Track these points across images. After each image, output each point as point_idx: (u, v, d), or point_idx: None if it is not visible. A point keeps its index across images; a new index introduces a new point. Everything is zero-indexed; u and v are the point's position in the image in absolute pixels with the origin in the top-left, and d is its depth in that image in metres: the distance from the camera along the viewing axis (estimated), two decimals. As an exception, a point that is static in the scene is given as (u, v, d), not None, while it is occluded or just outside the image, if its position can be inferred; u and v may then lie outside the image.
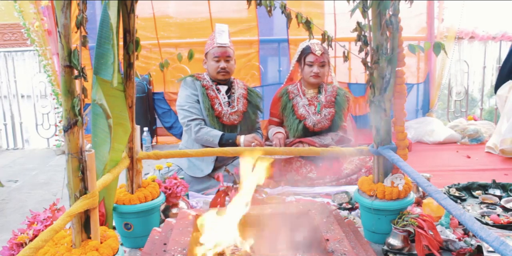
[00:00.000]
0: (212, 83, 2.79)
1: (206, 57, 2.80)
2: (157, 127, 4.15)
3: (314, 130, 2.83)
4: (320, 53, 2.79)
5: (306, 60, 2.83)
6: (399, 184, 1.80)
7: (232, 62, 2.78)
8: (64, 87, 1.20)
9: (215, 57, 2.72)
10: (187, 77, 2.84)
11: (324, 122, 2.83)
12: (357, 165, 2.68)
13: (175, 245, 1.44)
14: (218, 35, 2.73)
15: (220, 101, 2.74)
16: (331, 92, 2.92)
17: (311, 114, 2.84)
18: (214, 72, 2.75)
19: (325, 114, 2.85)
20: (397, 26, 1.71)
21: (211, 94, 2.74)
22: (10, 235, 1.61)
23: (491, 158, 3.33)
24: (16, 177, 3.25)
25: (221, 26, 2.78)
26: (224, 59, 2.73)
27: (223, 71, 2.74)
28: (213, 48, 2.73)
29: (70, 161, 1.25)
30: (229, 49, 2.75)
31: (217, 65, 2.72)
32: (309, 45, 2.82)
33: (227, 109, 2.74)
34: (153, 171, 2.66)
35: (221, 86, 2.81)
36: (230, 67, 2.76)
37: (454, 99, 4.46)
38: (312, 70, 2.81)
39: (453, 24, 4.10)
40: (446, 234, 1.79)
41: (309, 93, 2.91)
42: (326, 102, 2.87)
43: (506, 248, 0.98)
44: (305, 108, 2.86)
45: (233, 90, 2.84)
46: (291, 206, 1.80)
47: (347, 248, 1.41)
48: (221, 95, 2.77)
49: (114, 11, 1.36)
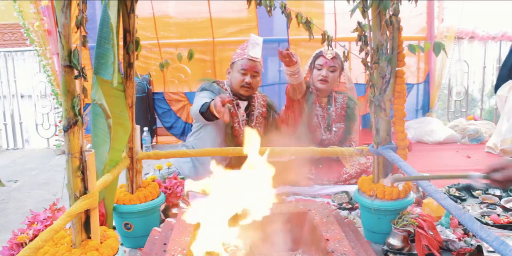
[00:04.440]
0: (233, 97, 2.59)
1: (232, 67, 2.61)
2: (157, 127, 4.15)
3: (321, 144, 2.76)
4: (331, 57, 2.69)
5: (316, 63, 2.75)
6: (399, 184, 1.80)
7: (258, 78, 2.60)
8: (64, 87, 1.20)
9: (242, 70, 2.53)
10: (214, 83, 2.62)
11: (333, 139, 2.79)
12: (357, 171, 2.66)
13: (175, 245, 1.44)
14: (251, 47, 2.54)
15: (239, 119, 2.59)
16: (341, 104, 2.83)
17: (322, 129, 2.77)
18: (237, 86, 2.56)
19: (335, 131, 2.78)
20: (397, 26, 1.71)
21: (231, 111, 2.54)
22: (10, 235, 1.61)
23: (491, 158, 3.33)
24: (16, 177, 3.24)
25: (256, 38, 2.60)
26: (251, 74, 2.54)
27: (248, 86, 2.54)
28: (242, 59, 2.54)
29: (70, 161, 1.25)
30: (259, 64, 2.57)
31: (242, 78, 2.53)
32: (321, 50, 2.75)
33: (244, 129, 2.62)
34: (153, 171, 2.66)
35: (241, 101, 2.63)
36: (255, 83, 2.58)
37: (454, 99, 4.45)
38: (320, 73, 2.70)
39: (453, 24, 4.10)
40: (446, 234, 1.79)
41: (321, 101, 2.82)
42: (336, 116, 2.79)
43: (506, 248, 0.99)
44: (318, 119, 2.77)
45: (253, 107, 2.68)
46: (291, 206, 1.80)
47: (347, 248, 1.41)
48: (239, 112, 2.61)
49: (114, 11, 1.36)
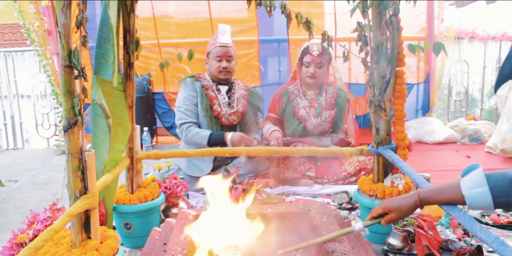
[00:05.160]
0: (212, 83, 2.78)
1: (208, 57, 2.79)
2: (157, 127, 4.15)
3: (314, 132, 2.83)
4: (318, 54, 2.76)
5: (303, 60, 2.83)
6: (399, 184, 1.80)
7: (233, 62, 2.78)
8: (64, 87, 1.20)
9: (217, 57, 2.71)
10: (187, 78, 2.84)
11: (324, 124, 2.83)
12: (355, 168, 2.67)
13: (175, 245, 1.44)
14: (221, 35, 2.73)
15: (220, 101, 2.74)
16: (331, 94, 2.90)
17: (311, 116, 2.83)
18: (215, 72, 2.74)
19: (326, 117, 2.84)
20: (397, 26, 1.71)
21: (211, 95, 2.73)
22: (10, 235, 1.61)
23: (491, 158, 3.33)
24: (16, 177, 3.25)
25: (223, 26, 2.78)
26: (226, 59, 2.72)
27: (225, 70, 2.73)
28: (215, 47, 2.73)
29: (70, 161, 1.25)
30: (231, 49, 2.75)
31: (218, 64, 2.72)
32: (308, 45, 2.81)
33: (226, 109, 2.73)
34: (153, 171, 2.66)
35: (222, 86, 2.80)
36: (231, 67, 2.76)
37: (454, 99, 4.46)
38: (308, 70, 2.80)
39: (453, 24, 4.10)
40: (446, 234, 1.79)
41: (309, 94, 2.90)
42: (326, 104, 2.86)
43: (506, 249, 0.98)
44: (305, 109, 2.85)
45: (234, 90, 2.83)
46: (291, 206, 1.80)
47: (347, 248, 1.41)
48: (220, 95, 2.77)
49: (114, 11, 1.36)
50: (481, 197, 1.17)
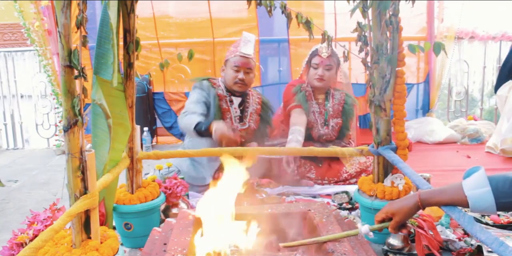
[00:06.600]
0: (226, 94, 2.63)
1: (225, 64, 2.64)
2: (157, 127, 4.15)
3: (319, 140, 2.81)
4: (327, 56, 2.72)
5: (312, 62, 2.79)
6: (399, 184, 1.80)
7: (252, 75, 2.63)
8: (64, 87, 1.20)
9: (235, 66, 2.57)
10: (204, 80, 2.66)
11: (330, 134, 2.81)
12: (357, 170, 2.66)
13: (175, 245, 1.44)
14: (243, 44, 2.59)
15: (232, 115, 2.61)
16: (338, 100, 2.86)
17: (319, 124, 2.79)
18: (230, 82, 2.59)
19: (333, 125, 2.80)
20: (397, 26, 1.71)
21: (224, 107, 2.59)
22: (10, 235, 1.61)
23: (491, 158, 3.33)
24: (16, 177, 3.24)
25: (248, 35, 2.65)
26: (244, 71, 2.57)
27: (241, 82, 2.57)
28: (234, 56, 2.59)
29: (70, 161, 1.25)
30: (252, 61, 2.61)
31: (235, 75, 2.56)
32: (317, 48, 2.77)
33: (237, 125, 2.61)
34: (153, 171, 2.66)
35: (235, 97, 2.65)
36: (249, 79, 2.61)
37: (454, 99, 4.45)
38: (317, 72, 2.75)
39: (453, 24, 4.10)
40: (446, 234, 1.79)
41: (318, 98, 2.85)
42: (333, 112, 2.82)
43: (506, 249, 0.99)
44: (315, 115, 2.80)
45: (248, 104, 2.70)
46: (291, 206, 1.80)
47: (347, 248, 1.41)
48: (233, 108, 2.63)
49: (114, 11, 1.36)
50: (483, 197, 1.17)
